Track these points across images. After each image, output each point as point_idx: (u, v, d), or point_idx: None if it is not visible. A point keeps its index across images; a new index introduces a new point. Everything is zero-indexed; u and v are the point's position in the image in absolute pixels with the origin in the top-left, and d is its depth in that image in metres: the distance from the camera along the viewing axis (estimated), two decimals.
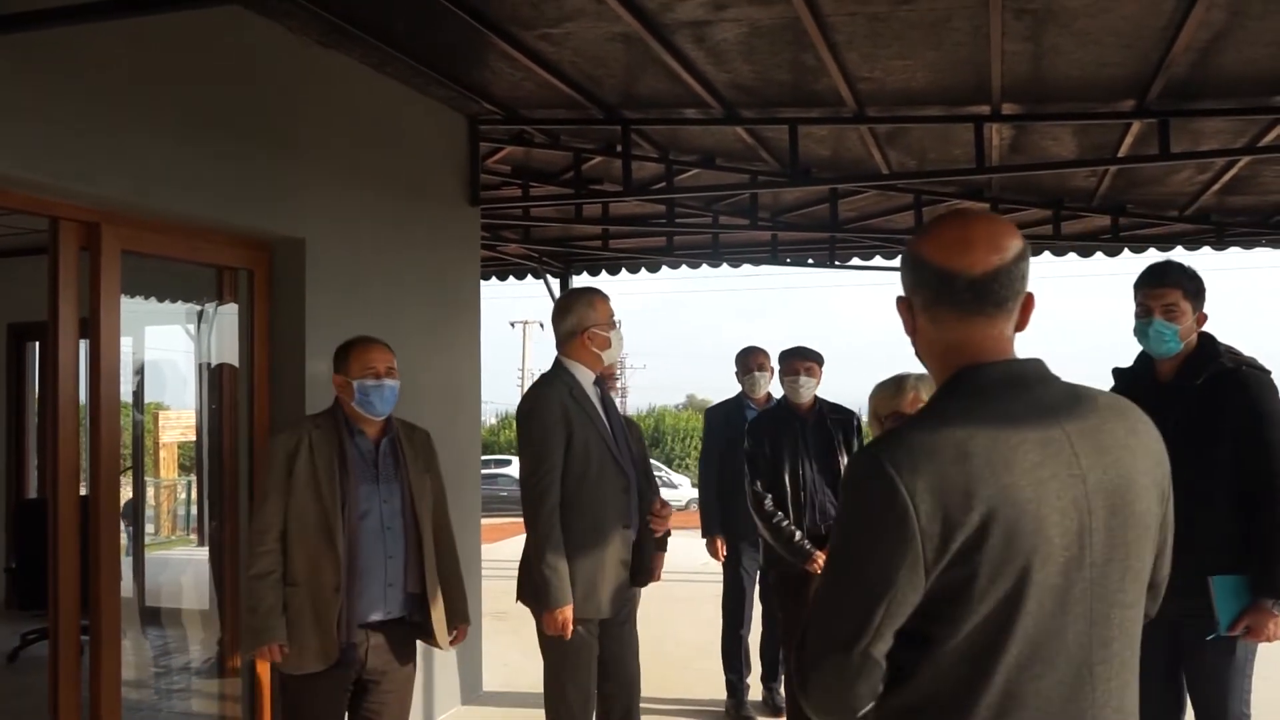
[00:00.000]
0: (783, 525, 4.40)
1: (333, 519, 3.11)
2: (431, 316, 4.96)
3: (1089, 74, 4.25)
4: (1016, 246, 1.49)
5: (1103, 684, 1.39)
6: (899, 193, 6.82)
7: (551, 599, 3.36)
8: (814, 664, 1.40)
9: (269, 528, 3.14)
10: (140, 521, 8.59)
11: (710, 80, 4.59)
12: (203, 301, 4.76)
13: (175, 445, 15.35)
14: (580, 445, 3.47)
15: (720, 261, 8.87)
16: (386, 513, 3.25)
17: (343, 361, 3.25)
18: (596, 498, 3.49)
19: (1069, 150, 5.50)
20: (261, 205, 3.86)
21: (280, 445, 3.19)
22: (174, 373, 8.29)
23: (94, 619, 3.45)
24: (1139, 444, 1.48)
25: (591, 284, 10.23)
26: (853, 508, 1.44)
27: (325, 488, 3.13)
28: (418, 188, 4.93)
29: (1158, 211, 7.14)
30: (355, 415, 3.24)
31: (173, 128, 3.45)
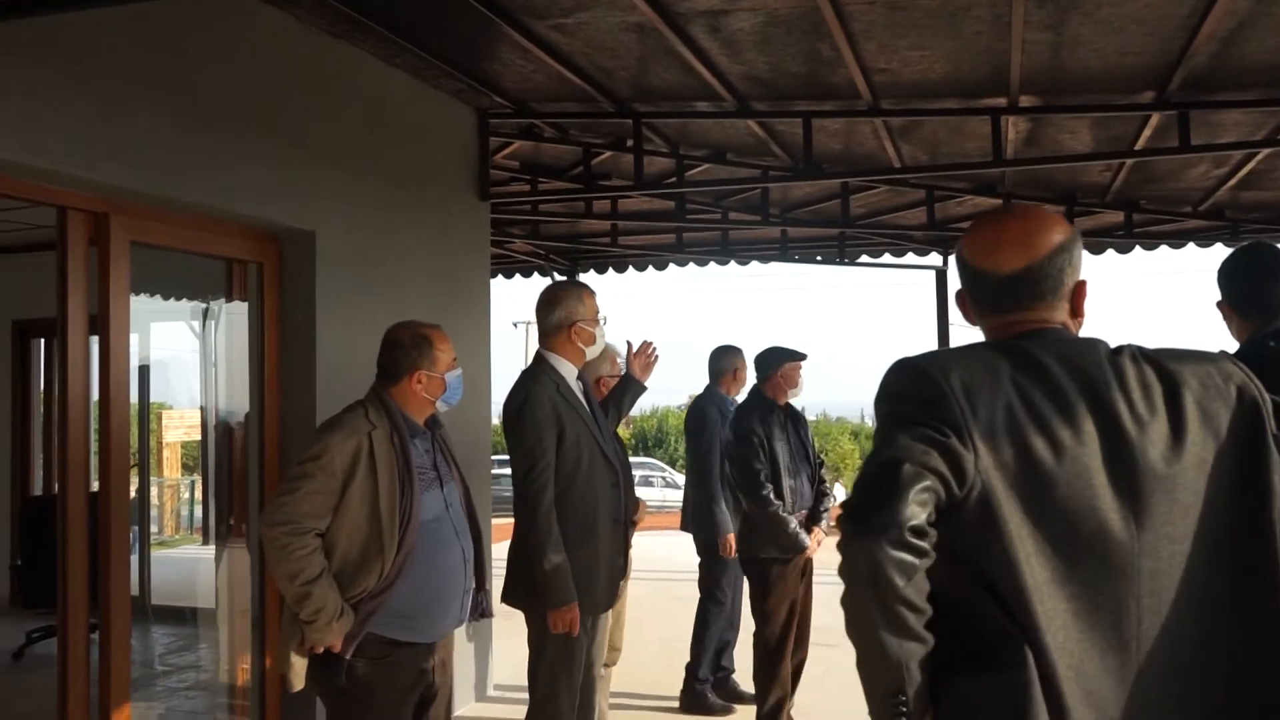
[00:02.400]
0: (782, 515, 4.67)
1: (388, 539, 2.80)
2: (441, 312, 4.87)
3: (1110, 64, 4.19)
4: (1054, 241, 1.52)
5: None
6: (911, 188, 6.77)
7: (558, 597, 3.31)
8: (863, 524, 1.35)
9: (305, 523, 2.75)
10: (145, 520, 8.57)
11: (724, 72, 4.53)
12: (209, 299, 4.72)
13: (178, 445, 15.33)
14: (571, 442, 3.41)
15: (729, 259, 8.81)
16: (455, 515, 3.03)
17: (424, 355, 2.96)
18: (588, 494, 3.44)
19: (1085, 144, 5.44)
20: (271, 196, 3.81)
21: (336, 449, 2.79)
22: (177, 373, 8.28)
23: (103, 616, 3.40)
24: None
25: (600, 282, 10.23)
26: (889, 400, 1.47)
27: (385, 505, 2.80)
28: (427, 181, 4.88)
29: (1171, 207, 7.07)
30: (416, 411, 2.99)
31: (181, 117, 3.40)
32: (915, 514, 1.30)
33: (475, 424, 5.20)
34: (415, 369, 2.95)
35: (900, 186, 6.66)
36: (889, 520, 1.30)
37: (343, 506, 2.79)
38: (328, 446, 2.81)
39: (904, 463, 1.32)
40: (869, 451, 1.44)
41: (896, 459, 1.33)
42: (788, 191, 7.14)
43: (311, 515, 2.76)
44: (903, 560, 1.29)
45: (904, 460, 1.33)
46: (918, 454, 1.33)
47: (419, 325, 3.04)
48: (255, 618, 4.13)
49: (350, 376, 4.08)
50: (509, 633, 5.95)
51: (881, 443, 1.40)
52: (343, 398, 4.02)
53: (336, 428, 2.87)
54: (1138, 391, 1.41)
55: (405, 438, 2.90)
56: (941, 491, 1.33)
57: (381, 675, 2.84)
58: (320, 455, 2.79)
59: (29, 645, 6.07)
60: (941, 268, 8.81)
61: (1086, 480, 1.36)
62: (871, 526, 1.31)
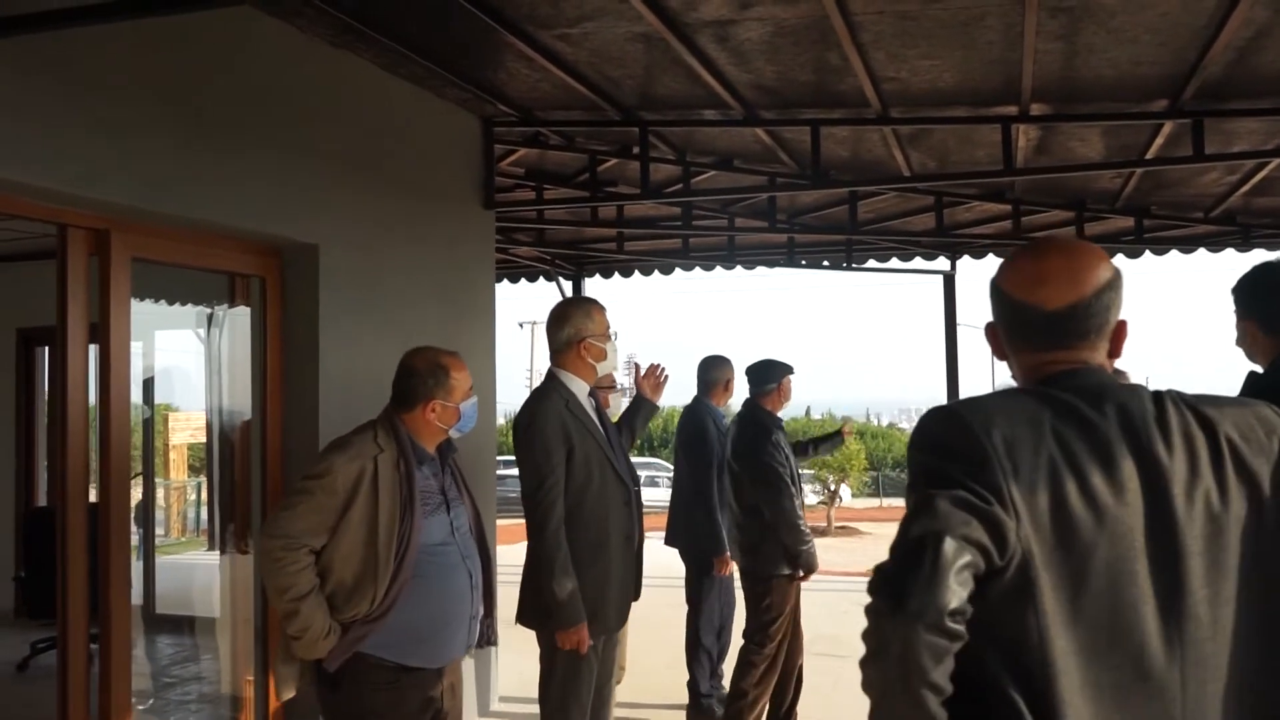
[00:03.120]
0: (807, 530, 4.74)
1: (383, 566, 2.76)
2: (445, 322, 4.87)
3: (1123, 73, 4.14)
4: (1100, 279, 1.46)
5: None
6: (919, 194, 6.71)
7: (567, 618, 3.27)
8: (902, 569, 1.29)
9: (301, 539, 2.73)
10: (150, 527, 8.53)
11: (731, 81, 4.48)
12: (214, 305, 4.68)
13: (185, 447, 15.33)
14: (581, 459, 3.38)
15: (735, 264, 8.76)
16: (462, 540, 2.97)
17: (440, 384, 2.91)
18: (598, 512, 3.40)
19: (1096, 151, 5.38)
20: (273, 210, 3.76)
21: (340, 469, 2.76)
22: (184, 374, 8.25)
23: (103, 629, 3.36)
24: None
25: (604, 286, 10.21)
26: (927, 452, 1.41)
27: (383, 531, 2.76)
28: (431, 191, 4.83)
29: (1182, 213, 7.01)
30: (428, 438, 2.95)
31: (181, 132, 3.36)
32: (955, 596, 1.24)
33: (480, 432, 5.14)
34: (430, 398, 2.92)
35: (910, 193, 6.60)
36: (928, 604, 1.24)
37: (341, 527, 2.76)
38: (332, 466, 2.78)
39: (945, 536, 1.26)
40: (907, 509, 1.36)
41: (937, 531, 1.26)
42: (795, 197, 7.08)
43: (308, 532, 2.74)
44: (936, 645, 1.24)
45: (945, 533, 1.26)
46: (959, 525, 1.27)
47: (436, 353, 2.99)
48: (258, 629, 4.09)
49: (354, 392, 4.05)
50: (514, 645, 5.92)
51: (919, 505, 1.32)
52: (346, 414, 4.00)
53: (343, 448, 2.84)
54: (1181, 445, 1.36)
55: (411, 465, 2.85)
56: (981, 564, 1.28)
57: (389, 701, 2.81)
58: (323, 474, 2.77)
59: (34, 656, 6.05)
60: (950, 272, 8.75)
61: (1128, 544, 1.31)
62: (909, 610, 1.24)
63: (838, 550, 24.98)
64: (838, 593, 8.82)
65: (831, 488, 29.16)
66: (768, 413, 4.92)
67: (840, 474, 29.23)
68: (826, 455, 4.02)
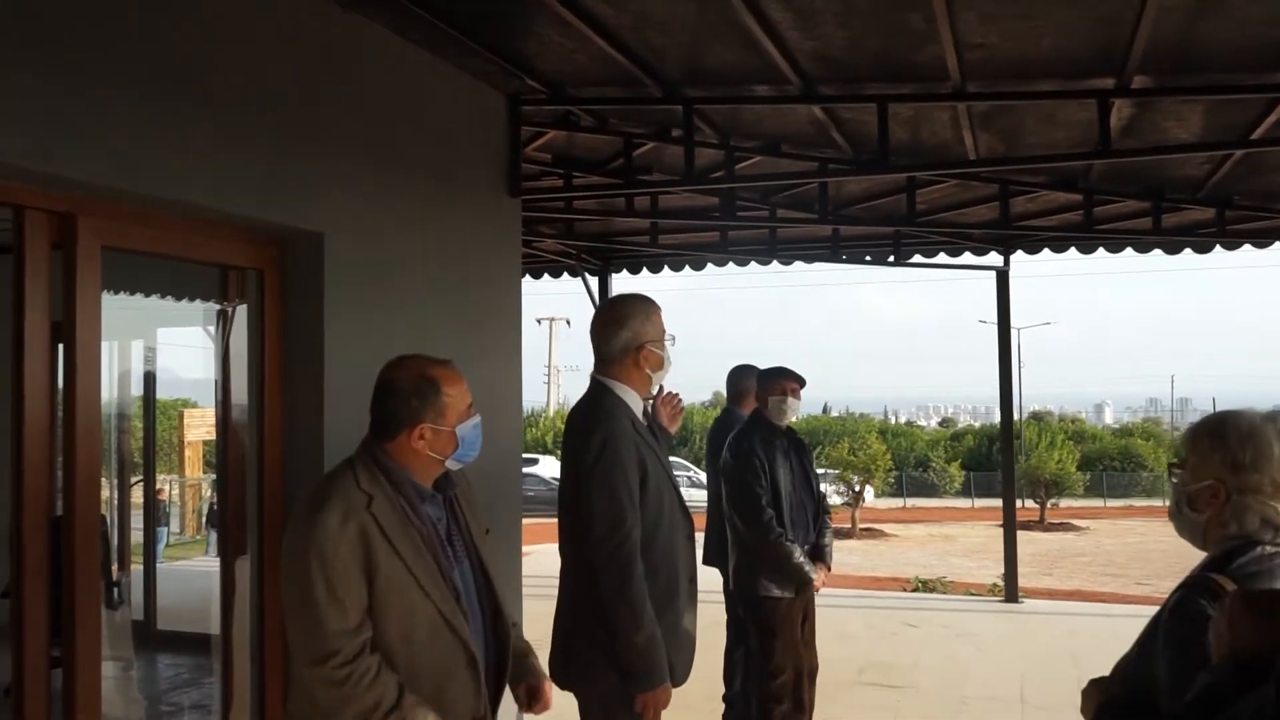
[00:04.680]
0: (787, 543, 4.40)
1: (455, 618, 2.25)
2: (468, 320, 4.36)
3: (1250, 35, 3.59)
4: None
5: None
6: (981, 183, 6.16)
7: (653, 676, 2.79)
8: None
9: (357, 650, 2.14)
10: (151, 534, 8.09)
11: (792, 49, 3.95)
12: (219, 300, 4.24)
13: (200, 443, 14.96)
14: (654, 490, 2.89)
15: (772, 259, 8.23)
16: (466, 602, 2.40)
17: (428, 404, 2.32)
18: (670, 551, 2.94)
19: (1193, 132, 4.82)
20: (271, 194, 3.26)
21: (337, 534, 2.16)
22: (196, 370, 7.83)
23: (67, 655, 2.89)
24: None
25: (633, 282, 9.73)
26: None
27: (430, 583, 2.23)
28: (451, 176, 4.32)
29: (1267, 203, 6.43)
30: (420, 472, 2.37)
31: (162, 100, 2.85)
32: None
33: (506, 438, 4.62)
34: (416, 422, 2.32)
35: (973, 181, 6.05)
36: None
37: (377, 609, 2.20)
38: (326, 531, 2.16)
39: None
40: None
41: None
42: (841, 187, 6.55)
43: (349, 630, 2.15)
44: None
45: None
46: None
47: (422, 364, 2.39)
48: (254, 648, 3.60)
49: (363, 400, 3.55)
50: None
51: None
52: (355, 425, 3.50)
53: (325, 506, 2.20)
54: None
55: (413, 500, 2.32)
56: None
57: None
58: (320, 548, 2.15)
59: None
60: (1003, 268, 8.20)
61: None
62: None
63: (864, 553, 24.44)
64: (882, 610, 8.30)
65: (856, 489, 28.66)
66: (740, 416, 4.73)
67: (865, 475, 28.71)
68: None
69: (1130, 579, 21.74)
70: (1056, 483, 30.90)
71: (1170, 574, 22.34)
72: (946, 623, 7.70)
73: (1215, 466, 1.89)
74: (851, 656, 6.62)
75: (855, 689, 5.95)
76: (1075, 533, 29.66)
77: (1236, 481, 1.86)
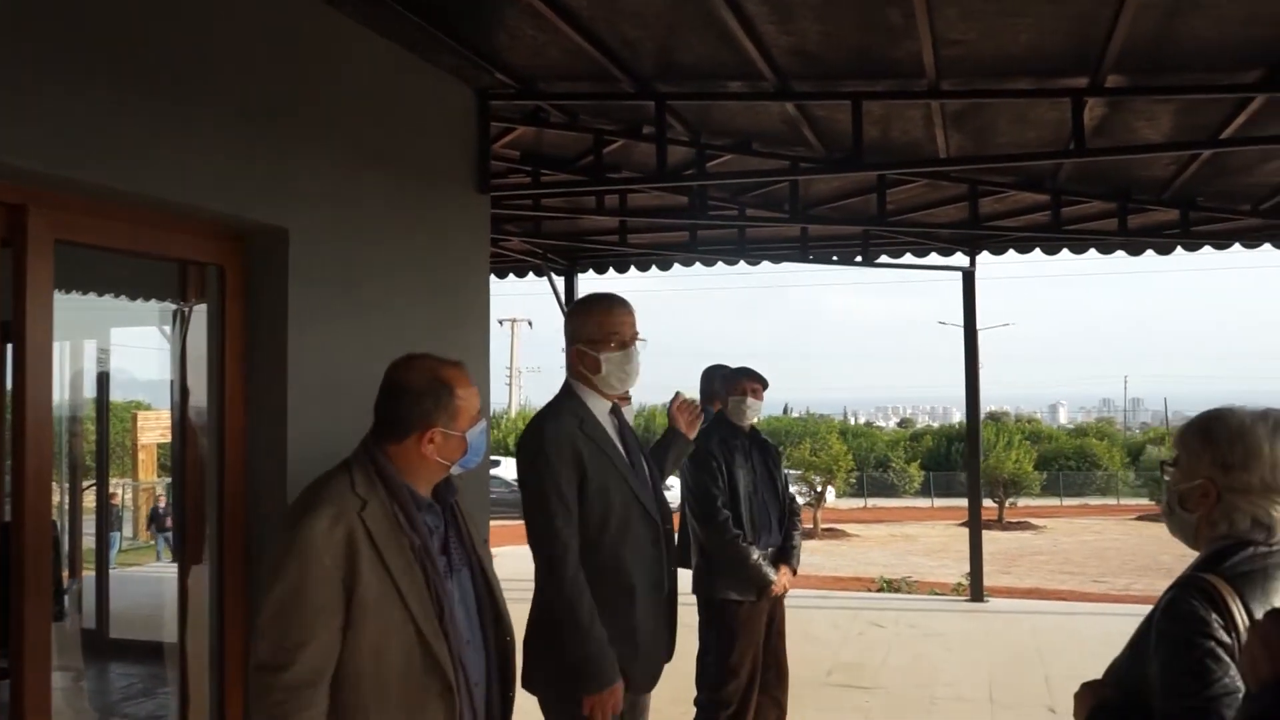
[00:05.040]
0: (744, 545, 4.33)
1: (435, 640, 2.10)
2: (435, 319, 4.25)
3: (1225, 35, 3.59)
4: None
5: None
6: (951, 183, 6.16)
7: (598, 677, 2.71)
8: None
9: (308, 680, 2.02)
10: (104, 540, 7.86)
11: (769, 44, 3.90)
12: (178, 298, 4.10)
13: (155, 446, 14.66)
14: (596, 490, 2.84)
15: (739, 259, 8.19)
16: (464, 618, 2.25)
17: (441, 406, 2.21)
18: (620, 554, 2.86)
19: (1163, 132, 4.84)
20: (234, 187, 3.13)
21: (323, 542, 2.05)
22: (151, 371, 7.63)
23: (15, 668, 2.75)
24: None
25: (599, 282, 9.64)
26: None
27: (415, 599, 2.09)
28: (419, 171, 4.21)
29: (1230, 205, 6.50)
30: (422, 478, 2.26)
31: (121, 88, 2.72)
32: None
33: None
34: (429, 425, 2.21)
35: (942, 181, 6.04)
36: None
37: (352, 608, 2.06)
38: (311, 539, 2.04)
39: None
40: None
41: None
42: (811, 186, 6.52)
43: (318, 659, 2.04)
44: None
45: None
46: None
47: (435, 364, 2.28)
48: (213, 658, 3.46)
49: (329, 402, 3.44)
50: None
51: None
52: (320, 428, 3.39)
53: (314, 510, 2.10)
54: None
55: (411, 510, 2.19)
56: None
57: None
58: (303, 557, 2.05)
59: None
60: (970, 269, 8.22)
61: None
62: None
63: (826, 554, 24.53)
64: (848, 610, 8.28)
65: (818, 489, 28.78)
66: (722, 422, 4.61)
67: (827, 475, 28.83)
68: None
69: (1087, 576, 22.03)
70: (1014, 482, 31.28)
71: (1125, 571, 22.67)
72: (913, 622, 7.70)
73: (1206, 466, 1.86)
74: (820, 657, 6.58)
75: (824, 690, 5.91)
76: (1033, 531, 30.05)
77: (1226, 481, 1.83)
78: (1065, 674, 6.13)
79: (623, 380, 2.96)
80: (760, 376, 4.62)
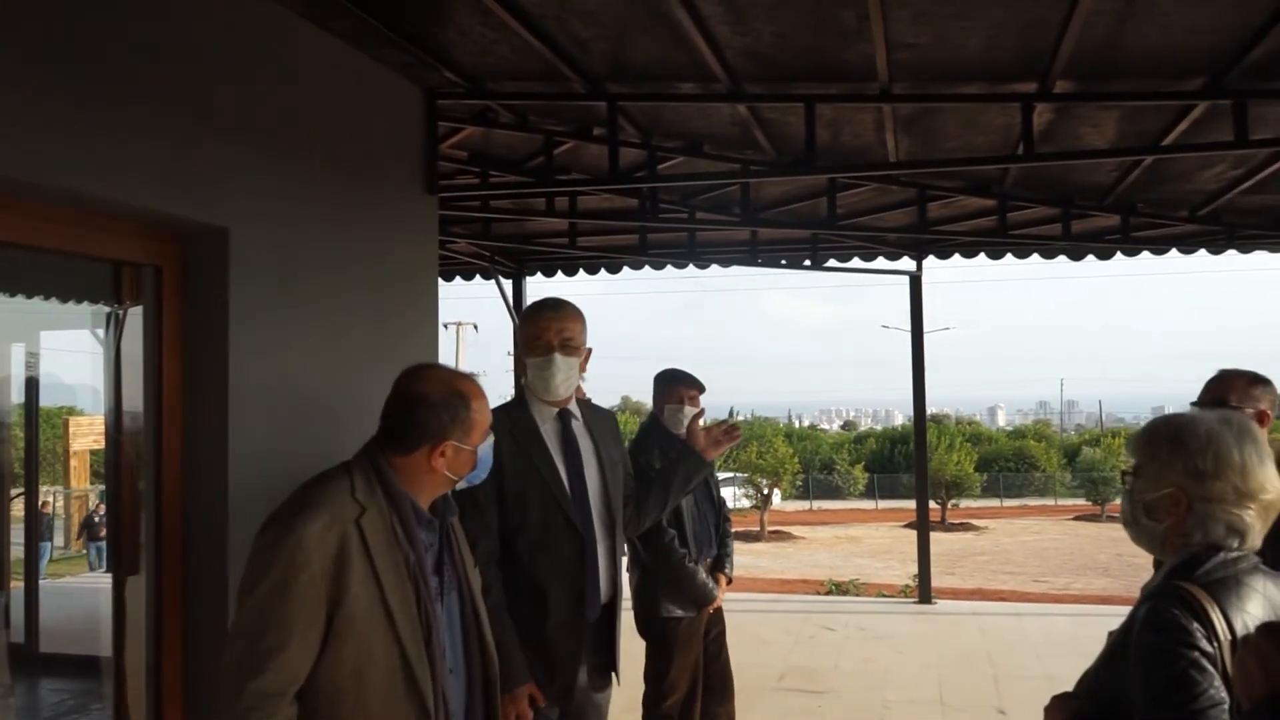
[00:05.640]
0: (689, 564, 4.24)
1: (418, 663, 2.01)
2: (382, 322, 4.15)
3: (1172, 42, 3.64)
4: None
5: None
6: (900, 187, 6.19)
7: (510, 679, 2.63)
8: None
9: (278, 689, 1.93)
10: (34, 550, 7.59)
11: (722, 45, 3.87)
12: (112, 300, 3.95)
13: (87, 453, 14.21)
14: (514, 494, 2.81)
15: (688, 262, 8.16)
16: (449, 643, 2.16)
17: (458, 420, 2.13)
18: (535, 565, 2.81)
19: (1107, 138, 4.90)
20: (172, 184, 3.01)
21: (314, 544, 1.95)
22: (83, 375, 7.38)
23: None
24: None
25: (547, 285, 9.55)
26: None
27: (403, 617, 2.00)
28: (365, 171, 4.10)
29: (1169, 211, 6.63)
30: (426, 491, 2.17)
31: (50, 76, 2.60)
32: None
33: None
34: (443, 438, 2.13)
35: (892, 185, 6.07)
36: None
37: (336, 621, 1.96)
38: (301, 540, 1.94)
39: None
40: None
41: None
42: (759, 190, 6.51)
43: (292, 668, 1.93)
44: None
45: None
46: None
47: (452, 377, 2.20)
48: (150, 673, 3.33)
49: (274, 406, 3.33)
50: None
51: None
52: (263, 433, 3.28)
53: (309, 511, 1.99)
54: None
55: (411, 525, 2.10)
56: None
57: None
58: (291, 559, 1.93)
59: None
60: (916, 273, 8.30)
61: None
62: None
63: (773, 556, 24.70)
64: (798, 613, 8.29)
65: (764, 492, 28.95)
66: (660, 430, 4.42)
67: (773, 478, 29.03)
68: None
69: (1028, 576, 22.46)
70: (956, 484, 31.82)
71: (1065, 570, 23.16)
72: (863, 625, 7.73)
73: (1176, 474, 1.82)
74: (771, 662, 6.57)
75: (776, 695, 5.90)
76: (975, 532, 30.56)
77: (1199, 490, 1.80)
78: (1014, 675, 6.20)
79: (543, 387, 2.90)
80: (697, 381, 4.45)
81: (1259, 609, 1.71)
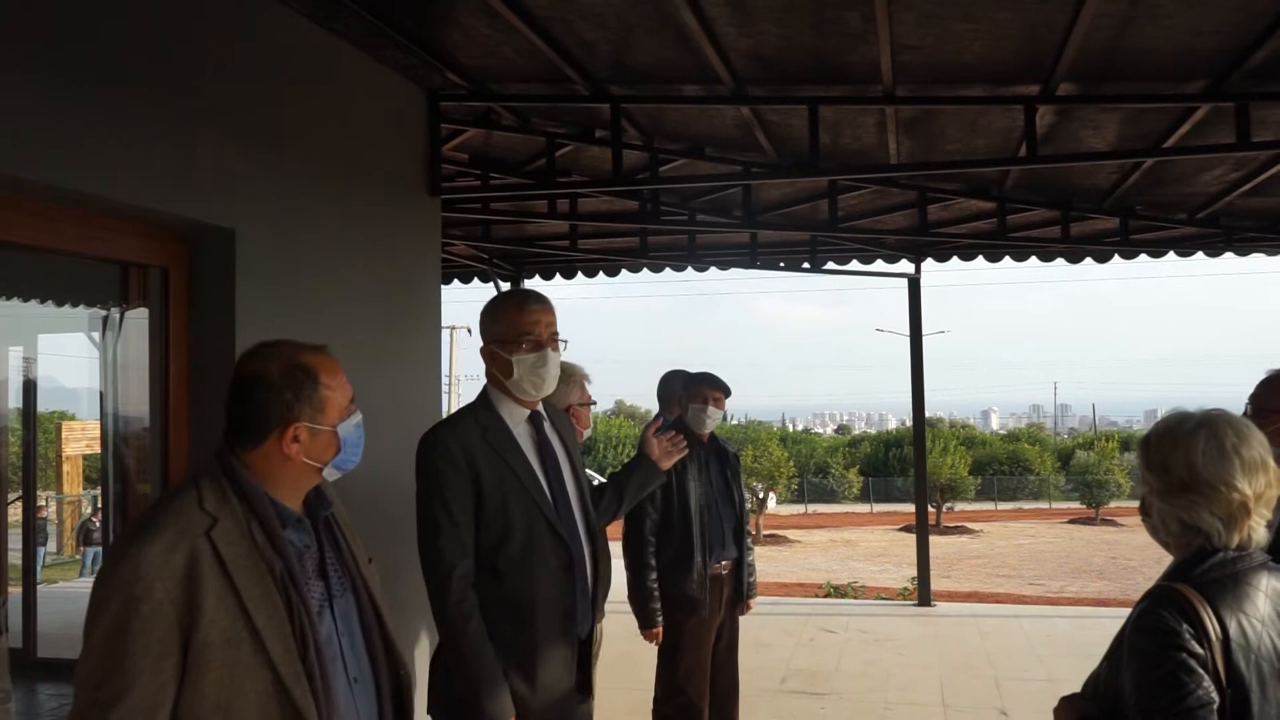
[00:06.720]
0: (649, 582, 4.21)
1: (297, 684, 1.76)
2: (385, 322, 4.15)
3: (1177, 45, 3.65)
4: None
5: None
6: (900, 189, 6.20)
7: (491, 710, 2.45)
8: None
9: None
10: (31, 557, 7.56)
11: (727, 47, 3.87)
12: (119, 302, 3.94)
13: (80, 458, 14.13)
14: (495, 507, 2.55)
15: (687, 265, 8.17)
16: (347, 647, 1.93)
17: (303, 397, 1.88)
18: (519, 578, 2.56)
19: (1108, 141, 4.92)
20: (179, 185, 3.01)
21: (154, 571, 1.68)
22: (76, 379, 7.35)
23: None
24: None
25: (545, 289, 9.52)
26: None
27: (274, 636, 1.75)
28: (370, 172, 4.10)
29: (1167, 213, 6.65)
30: (288, 485, 1.92)
31: (58, 79, 2.59)
32: None
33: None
34: (289, 421, 1.87)
35: (892, 187, 6.08)
36: None
37: (195, 664, 1.69)
38: (138, 569, 1.68)
39: None
40: None
41: None
42: (761, 192, 6.52)
43: (145, 709, 1.67)
44: None
45: None
46: None
47: (293, 349, 1.94)
48: None
49: None
50: None
51: None
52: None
53: (147, 534, 1.73)
54: None
55: (274, 528, 1.84)
56: None
57: None
58: (129, 591, 1.67)
59: None
60: (914, 276, 8.30)
61: None
62: None
63: (769, 560, 24.66)
64: (798, 616, 8.28)
65: (761, 496, 28.96)
66: (674, 418, 4.53)
67: (770, 482, 29.06)
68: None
69: (1023, 579, 22.47)
70: (951, 487, 31.84)
71: (1060, 574, 23.17)
72: (863, 627, 7.73)
73: (1146, 473, 1.89)
74: (772, 665, 6.56)
75: (779, 697, 5.89)
76: (970, 535, 30.58)
77: (1157, 487, 1.85)
78: (1015, 676, 6.20)
79: (536, 385, 2.68)
80: (723, 384, 4.42)
81: (1262, 608, 1.72)
